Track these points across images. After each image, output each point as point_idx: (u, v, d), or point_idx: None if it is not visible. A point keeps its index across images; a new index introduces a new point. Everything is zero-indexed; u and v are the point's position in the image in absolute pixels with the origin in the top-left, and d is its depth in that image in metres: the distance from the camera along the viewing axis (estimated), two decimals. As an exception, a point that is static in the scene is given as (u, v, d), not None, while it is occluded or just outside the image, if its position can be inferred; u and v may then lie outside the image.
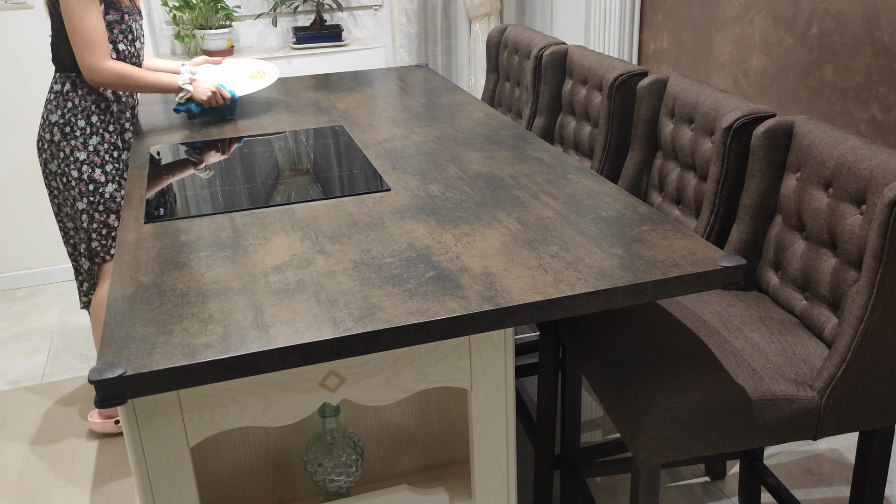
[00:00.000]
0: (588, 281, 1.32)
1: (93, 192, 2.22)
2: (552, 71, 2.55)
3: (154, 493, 1.27)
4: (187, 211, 1.69)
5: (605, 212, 1.60)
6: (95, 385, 1.09)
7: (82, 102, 2.21)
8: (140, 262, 1.46)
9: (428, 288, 1.31)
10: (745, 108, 1.77)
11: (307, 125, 2.32)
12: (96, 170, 2.22)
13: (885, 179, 1.41)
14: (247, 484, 1.59)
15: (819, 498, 2.09)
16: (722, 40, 2.96)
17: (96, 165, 2.22)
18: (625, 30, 3.44)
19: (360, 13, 3.84)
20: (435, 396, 1.65)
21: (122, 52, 2.21)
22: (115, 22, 2.15)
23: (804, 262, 1.63)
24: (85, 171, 2.21)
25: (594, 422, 2.45)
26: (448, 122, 2.29)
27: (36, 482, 2.26)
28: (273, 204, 1.71)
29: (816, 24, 2.51)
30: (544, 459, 1.90)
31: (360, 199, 1.72)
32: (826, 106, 2.53)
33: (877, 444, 1.55)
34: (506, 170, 1.87)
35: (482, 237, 1.50)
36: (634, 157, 2.16)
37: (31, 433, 2.48)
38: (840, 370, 1.44)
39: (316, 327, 1.21)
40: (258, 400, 1.28)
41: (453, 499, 1.57)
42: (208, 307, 1.28)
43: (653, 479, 1.50)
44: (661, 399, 1.44)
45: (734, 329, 1.60)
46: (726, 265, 1.35)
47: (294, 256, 1.45)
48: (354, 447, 1.52)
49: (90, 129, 2.21)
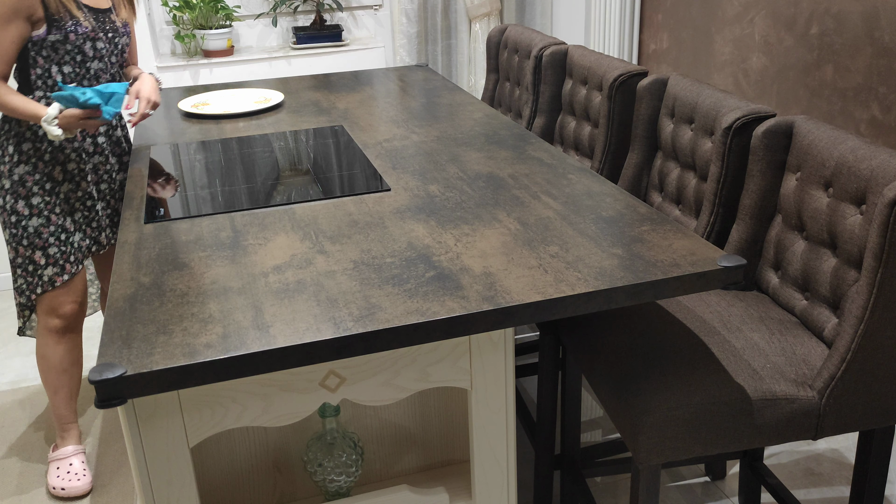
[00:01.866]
0: (588, 281, 1.32)
1: (14, 224, 2.02)
2: (552, 71, 2.55)
3: (154, 493, 1.27)
4: (187, 211, 1.69)
5: (605, 212, 1.60)
6: (95, 385, 1.09)
7: (17, 127, 1.99)
8: (140, 262, 1.46)
9: (428, 288, 1.31)
10: (745, 108, 1.77)
11: (307, 125, 2.32)
12: (20, 201, 2.01)
13: (885, 179, 1.41)
14: (247, 484, 1.59)
15: (819, 498, 2.09)
16: (722, 40, 2.96)
17: (20, 196, 2.00)
18: (625, 30, 3.44)
19: (360, 13, 3.84)
20: (435, 396, 1.65)
21: (67, 74, 1.98)
22: (58, 42, 1.93)
23: (804, 262, 1.63)
24: (8, 201, 2.01)
25: (594, 422, 2.45)
26: (448, 122, 2.29)
27: (36, 482, 2.26)
28: (273, 204, 1.71)
29: (816, 24, 2.51)
30: (544, 459, 1.90)
31: (360, 199, 1.72)
32: (826, 106, 2.53)
33: (877, 444, 1.55)
34: (506, 170, 1.87)
35: (482, 237, 1.50)
36: (634, 157, 2.16)
37: (30, 433, 2.48)
38: (840, 370, 1.44)
39: (316, 327, 1.21)
40: (258, 400, 1.28)
41: (453, 499, 1.57)
42: (208, 307, 1.28)
43: (653, 479, 1.50)
44: (661, 399, 1.44)
45: (734, 329, 1.60)
46: (726, 265, 1.35)
47: (294, 256, 1.45)
48: (354, 447, 1.52)
49: (18, 156, 1.99)
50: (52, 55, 1.95)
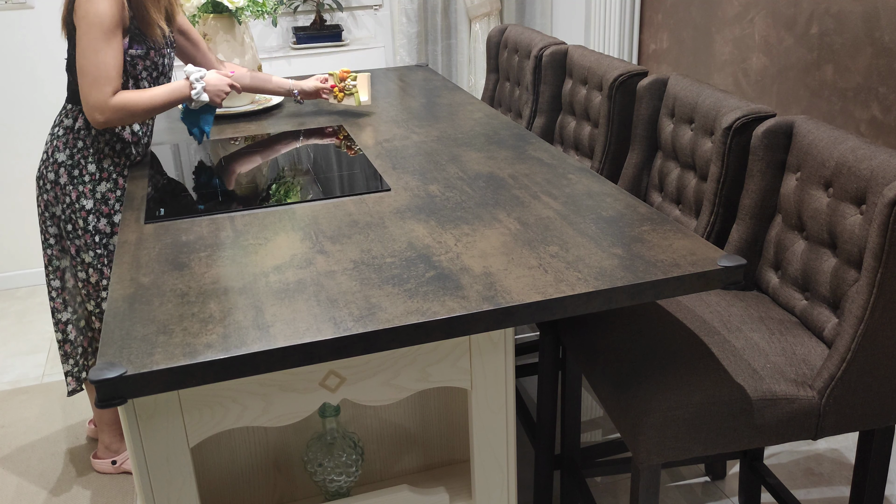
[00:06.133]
0: (588, 281, 1.32)
1: (99, 243, 1.98)
2: (552, 71, 2.55)
3: (154, 493, 1.27)
4: (187, 211, 1.69)
5: (606, 212, 1.60)
6: (96, 385, 1.09)
7: (95, 143, 1.94)
8: (140, 262, 1.46)
9: (428, 288, 1.31)
10: (745, 108, 1.77)
11: (307, 125, 2.32)
12: (102, 220, 1.96)
13: (885, 179, 1.41)
14: (247, 484, 1.59)
15: (819, 498, 2.09)
16: (722, 40, 2.96)
17: (102, 215, 1.96)
18: (625, 30, 3.44)
19: (360, 13, 3.84)
20: (435, 396, 1.65)
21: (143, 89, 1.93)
22: (138, 57, 1.90)
23: (804, 262, 1.63)
24: (91, 222, 1.96)
25: (594, 422, 2.45)
26: (448, 122, 2.29)
27: (36, 482, 2.26)
28: (273, 204, 1.71)
29: (816, 24, 2.51)
30: (544, 459, 1.90)
31: (360, 199, 1.72)
32: (826, 106, 2.53)
33: (877, 444, 1.55)
34: (506, 170, 1.87)
35: (482, 237, 1.50)
36: (634, 157, 2.16)
37: (30, 433, 2.48)
38: (840, 370, 1.44)
39: (316, 327, 1.21)
40: (258, 400, 1.28)
41: (453, 499, 1.57)
42: (208, 307, 1.28)
43: (653, 479, 1.50)
44: (661, 399, 1.44)
45: (734, 329, 1.60)
46: (726, 265, 1.35)
47: (294, 256, 1.45)
48: (354, 447, 1.52)
49: (100, 174, 1.95)
50: (130, 70, 1.90)
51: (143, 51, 1.90)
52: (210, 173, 1.93)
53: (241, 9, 2.38)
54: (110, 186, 1.96)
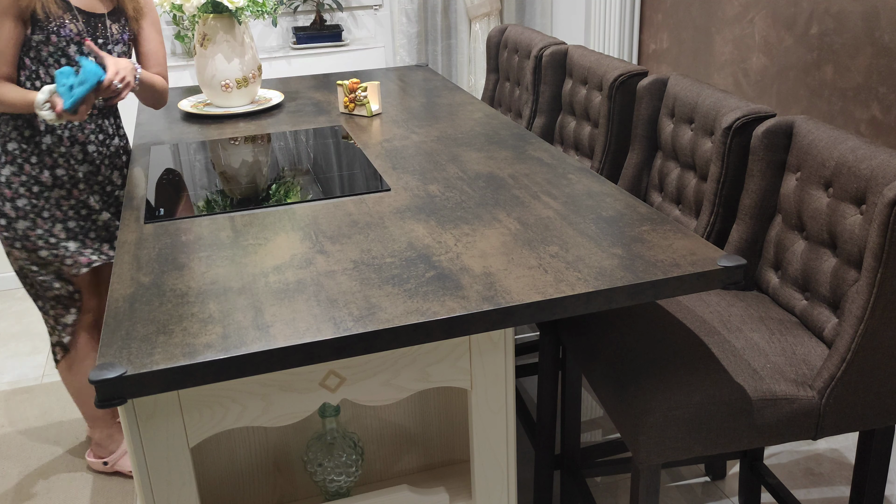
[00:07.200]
0: (588, 281, 1.32)
1: (5, 227, 1.98)
2: (552, 71, 2.55)
3: (154, 493, 1.27)
4: (187, 211, 1.69)
5: (605, 212, 1.60)
6: (96, 385, 1.09)
7: (2, 127, 1.95)
8: (140, 262, 1.46)
9: (428, 288, 1.31)
10: (745, 108, 1.77)
11: (307, 125, 2.32)
12: (6, 203, 1.96)
13: (885, 179, 1.41)
14: (247, 484, 1.59)
15: (819, 498, 2.09)
16: (722, 40, 2.96)
17: (6, 199, 1.96)
18: (625, 30, 3.44)
19: (360, 13, 3.84)
20: (435, 396, 1.65)
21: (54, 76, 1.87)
22: (41, 43, 1.88)
23: (804, 262, 1.63)
24: None
25: (594, 422, 2.45)
26: (448, 122, 2.29)
27: (36, 482, 2.26)
28: (273, 204, 1.71)
29: (816, 24, 2.51)
30: (544, 459, 1.90)
31: (360, 199, 1.72)
32: (826, 106, 2.53)
33: (877, 444, 1.55)
34: (506, 170, 1.87)
35: (482, 237, 1.50)
36: (634, 157, 2.16)
37: (30, 433, 2.48)
38: (840, 370, 1.44)
39: (316, 327, 1.21)
40: (258, 400, 1.28)
41: (453, 499, 1.57)
42: (208, 307, 1.28)
43: (653, 479, 1.50)
44: (661, 399, 1.44)
45: (734, 329, 1.60)
46: (726, 265, 1.35)
47: (294, 256, 1.45)
48: (354, 447, 1.52)
49: (5, 157, 1.95)
50: (37, 56, 1.90)
51: (42, 36, 1.88)
52: (210, 173, 1.93)
53: (241, 9, 2.38)
54: (14, 170, 1.96)
